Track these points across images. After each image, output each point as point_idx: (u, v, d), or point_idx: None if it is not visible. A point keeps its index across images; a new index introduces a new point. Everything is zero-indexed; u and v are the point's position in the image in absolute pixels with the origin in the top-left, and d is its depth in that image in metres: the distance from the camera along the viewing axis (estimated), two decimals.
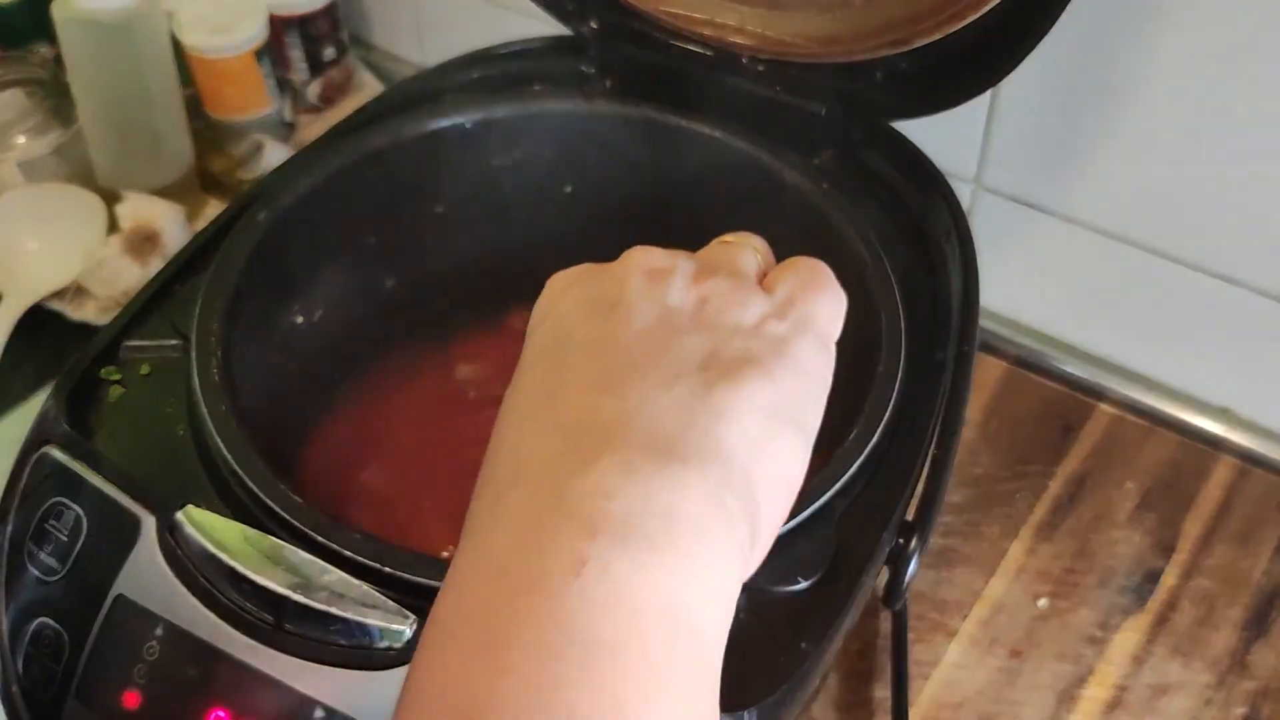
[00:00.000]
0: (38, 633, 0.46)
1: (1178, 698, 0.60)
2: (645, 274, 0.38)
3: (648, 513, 0.30)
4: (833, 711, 0.60)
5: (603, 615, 0.29)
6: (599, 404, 0.33)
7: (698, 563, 0.31)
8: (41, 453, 0.48)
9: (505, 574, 0.30)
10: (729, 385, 0.34)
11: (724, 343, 0.36)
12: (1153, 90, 0.62)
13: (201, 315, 0.51)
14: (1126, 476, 0.69)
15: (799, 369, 0.36)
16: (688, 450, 0.32)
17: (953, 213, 0.58)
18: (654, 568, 0.30)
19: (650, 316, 0.36)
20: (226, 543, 0.43)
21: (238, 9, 0.87)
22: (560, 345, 0.36)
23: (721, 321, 0.37)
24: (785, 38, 0.58)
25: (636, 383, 0.34)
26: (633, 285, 0.38)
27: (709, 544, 0.31)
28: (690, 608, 0.30)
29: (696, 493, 0.31)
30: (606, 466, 0.31)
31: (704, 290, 0.38)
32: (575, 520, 0.30)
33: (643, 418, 0.33)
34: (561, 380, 0.35)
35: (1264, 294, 0.65)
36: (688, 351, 0.35)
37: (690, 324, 0.36)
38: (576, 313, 0.37)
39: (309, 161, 0.57)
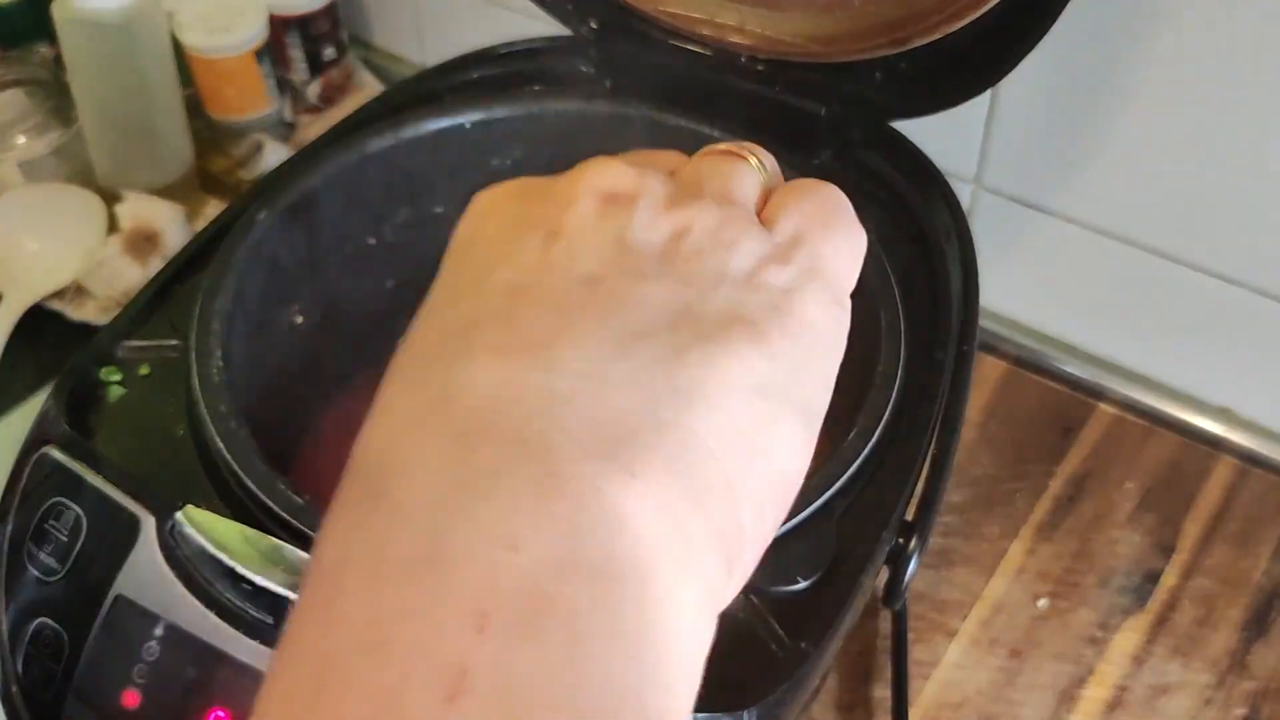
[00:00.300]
0: (37, 633, 0.46)
1: (1177, 698, 0.60)
2: (601, 198, 0.28)
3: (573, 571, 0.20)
4: (832, 711, 0.60)
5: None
6: (516, 379, 0.23)
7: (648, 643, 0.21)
8: (41, 453, 0.48)
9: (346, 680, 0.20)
10: (708, 353, 0.24)
11: (704, 294, 0.26)
12: (1153, 90, 0.62)
13: (201, 315, 0.51)
14: (1126, 476, 0.69)
15: (804, 331, 0.27)
16: (642, 455, 0.22)
17: (952, 213, 0.58)
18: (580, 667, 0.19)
19: (600, 256, 0.26)
20: (226, 543, 0.43)
21: (238, 9, 0.87)
22: (471, 293, 0.26)
23: (702, 266, 0.26)
24: (785, 38, 0.58)
25: (574, 349, 0.24)
26: (580, 210, 0.27)
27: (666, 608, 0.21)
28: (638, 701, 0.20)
29: (652, 527, 0.22)
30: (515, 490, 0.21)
31: (680, 221, 0.27)
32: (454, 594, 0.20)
33: (578, 404, 0.23)
34: (467, 341, 0.24)
35: (1264, 294, 0.65)
36: (652, 304, 0.25)
37: (657, 267, 0.26)
38: (500, 243, 0.27)
39: (309, 161, 0.57)
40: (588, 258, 0.26)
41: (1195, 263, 0.66)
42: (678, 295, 0.25)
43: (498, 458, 0.22)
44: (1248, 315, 0.66)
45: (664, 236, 0.27)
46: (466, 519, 0.21)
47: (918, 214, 0.57)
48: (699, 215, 0.27)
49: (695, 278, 0.26)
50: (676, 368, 0.24)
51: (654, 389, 0.23)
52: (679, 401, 0.23)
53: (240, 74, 0.87)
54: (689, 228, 0.27)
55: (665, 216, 0.27)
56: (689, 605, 0.22)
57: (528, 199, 0.29)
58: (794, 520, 0.44)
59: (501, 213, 0.29)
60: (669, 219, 0.27)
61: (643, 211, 0.27)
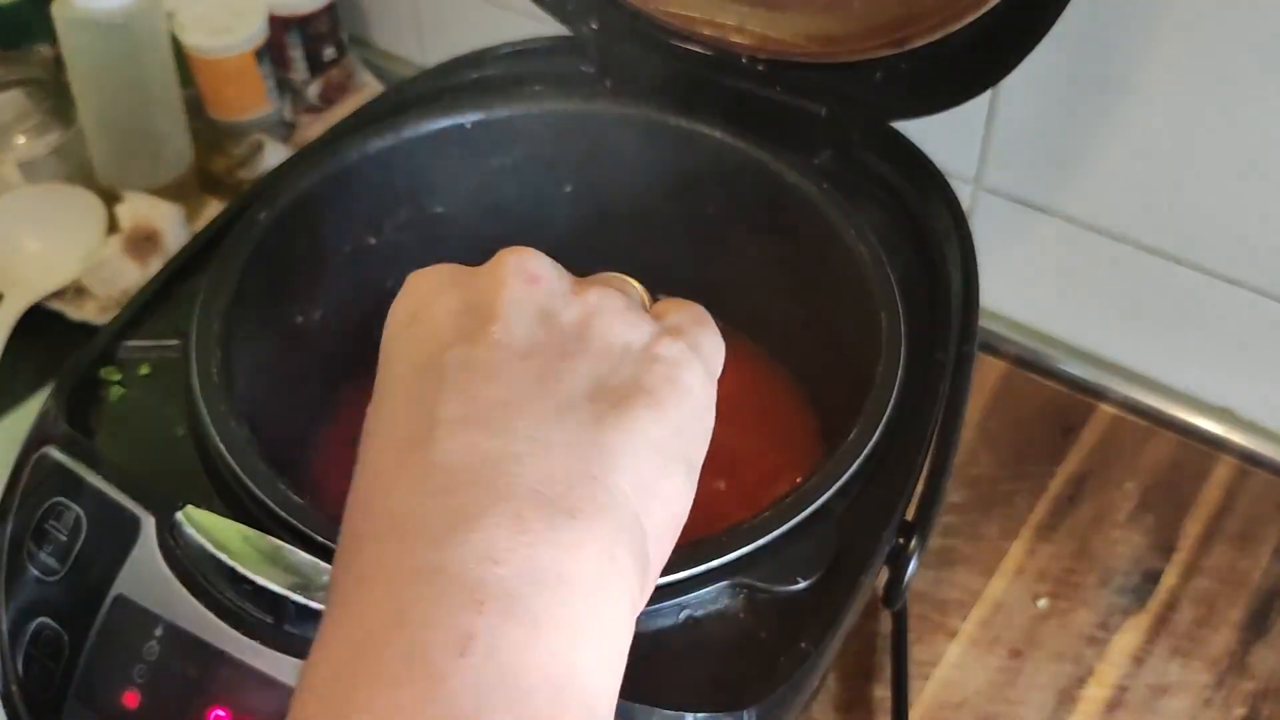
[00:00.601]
0: (37, 632, 0.46)
1: (1177, 698, 0.60)
2: (524, 280, 0.34)
3: (539, 579, 0.27)
4: (832, 711, 0.60)
5: (493, 696, 0.26)
6: (480, 445, 0.30)
7: (591, 630, 0.28)
8: (41, 453, 0.48)
9: (382, 647, 0.26)
10: (620, 420, 0.31)
11: (613, 368, 0.33)
12: (1153, 90, 0.62)
13: (201, 315, 0.51)
14: (1126, 477, 0.69)
15: (688, 399, 0.34)
16: (580, 501, 0.29)
17: (953, 213, 0.58)
18: (547, 640, 0.27)
19: (531, 334, 0.33)
20: (226, 543, 0.43)
21: (238, 9, 0.87)
22: (430, 370, 0.32)
23: (610, 341, 0.34)
24: (785, 38, 0.58)
25: (522, 419, 0.31)
26: (509, 294, 0.34)
27: (602, 607, 0.29)
28: (584, 677, 0.27)
29: (590, 551, 0.29)
30: (493, 524, 0.28)
31: (590, 304, 0.35)
32: (459, 589, 0.27)
33: (531, 463, 0.30)
34: (435, 415, 0.31)
35: (1264, 294, 0.65)
36: (576, 379, 0.32)
37: (576, 344, 0.33)
38: (446, 327, 0.33)
39: (309, 161, 0.57)
40: (521, 336, 0.33)
41: (1195, 263, 0.66)
42: (594, 369, 0.33)
43: (477, 503, 0.28)
44: (1248, 316, 0.66)
45: (578, 315, 0.34)
46: (460, 544, 0.28)
47: (918, 214, 0.57)
48: (605, 299, 0.35)
49: (605, 353, 0.33)
50: (598, 432, 0.31)
51: (584, 450, 0.31)
52: (603, 459, 0.31)
53: (240, 74, 0.87)
54: (598, 309, 0.34)
55: (578, 298, 0.35)
56: (619, 608, 0.29)
57: (462, 284, 0.35)
58: (794, 521, 0.44)
59: (444, 296, 0.35)
60: (581, 301, 0.35)
61: (559, 292, 0.35)
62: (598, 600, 0.28)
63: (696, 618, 0.43)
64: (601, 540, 0.29)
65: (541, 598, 0.27)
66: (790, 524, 0.44)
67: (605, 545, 0.29)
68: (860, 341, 0.51)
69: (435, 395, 0.31)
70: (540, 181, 0.62)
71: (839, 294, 0.55)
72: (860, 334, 0.52)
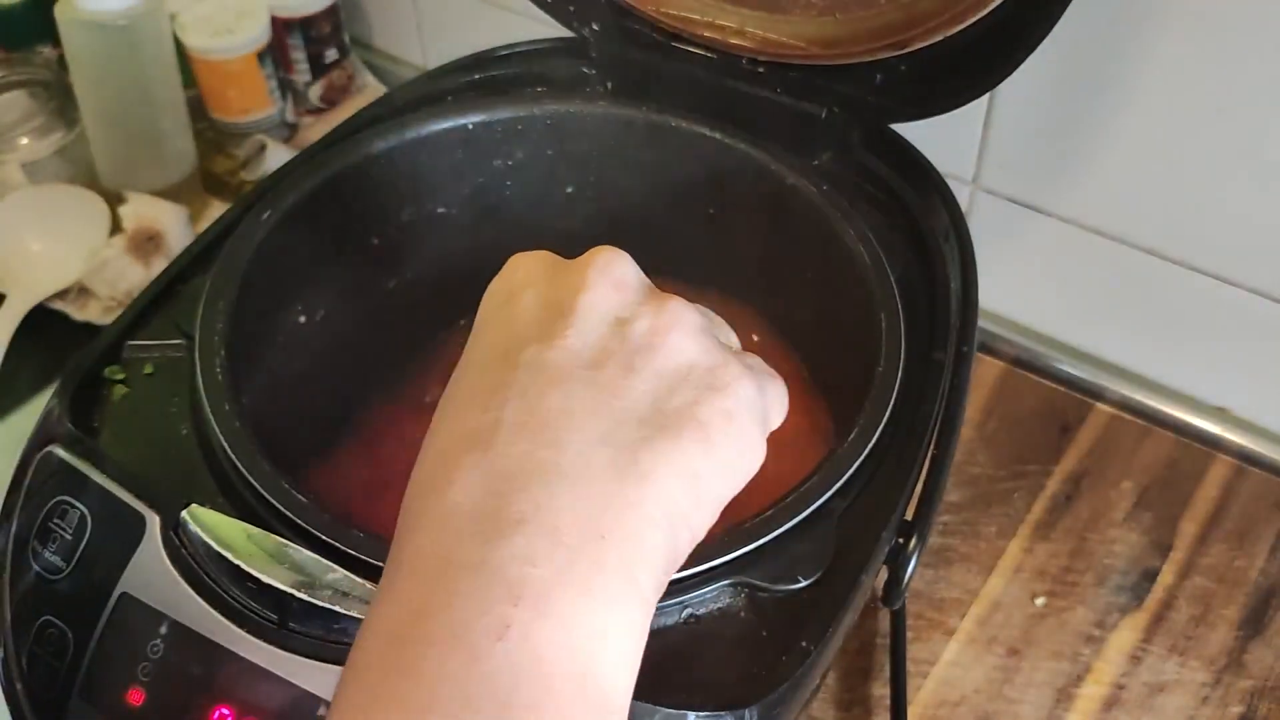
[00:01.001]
0: (42, 631, 0.46)
1: (1174, 696, 0.60)
2: (608, 284, 0.36)
3: (568, 585, 0.30)
4: (832, 709, 0.60)
5: (521, 679, 0.29)
6: (534, 454, 0.32)
7: (610, 634, 0.31)
8: (46, 452, 0.48)
9: (427, 626, 0.30)
10: (666, 449, 0.33)
11: (673, 389, 0.34)
12: (1151, 91, 0.62)
13: (205, 315, 0.51)
14: (1124, 476, 0.69)
15: (739, 439, 0.35)
16: (613, 524, 0.32)
17: (951, 214, 0.58)
18: (572, 637, 0.30)
19: (601, 342, 0.35)
20: (230, 541, 0.43)
21: (240, 11, 0.87)
22: (505, 364, 0.35)
23: (676, 361, 0.35)
24: (785, 40, 0.58)
25: (576, 433, 0.33)
26: (590, 297, 0.36)
27: (622, 615, 0.31)
28: (601, 675, 0.30)
29: (614, 574, 0.31)
30: (533, 532, 0.31)
31: (666, 317, 0.36)
32: (500, 583, 0.30)
33: (575, 480, 0.32)
34: (500, 417, 0.33)
35: (1262, 294, 0.65)
36: (635, 396, 0.34)
37: (643, 358, 0.35)
38: (527, 320, 0.36)
39: (311, 163, 0.57)
40: (592, 343, 0.35)
41: (1192, 263, 0.67)
42: (654, 388, 0.34)
43: (522, 511, 0.31)
44: (1244, 315, 0.66)
45: (652, 325, 0.35)
46: (504, 546, 0.31)
47: (916, 215, 0.57)
48: (682, 313, 0.36)
49: (669, 372, 0.35)
50: (643, 455, 0.33)
51: (624, 474, 0.32)
52: (641, 487, 0.32)
53: (243, 75, 0.87)
54: (675, 322, 0.36)
55: (656, 308, 0.36)
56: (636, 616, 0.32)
57: (552, 277, 0.37)
58: (794, 520, 0.44)
59: (534, 286, 0.37)
60: (658, 310, 0.36)
61: (639, 301, 0.36)
62: (618, 609, 0.31)
63: (698, 616, 0.43)
64: (626, 563, 0.32)
65: (569, 601, 0.30)
66: (790, 523, 0.44)
67: (628, 567, 0.32)
68: (859, 342, 0.52)
69: (504, 395, 0.34)
70: (541, 183, 0.62)
71: (838, 295, 0.55)
72: (860, 334, 0.52)
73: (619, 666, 0.31)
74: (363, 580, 0.42)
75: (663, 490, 0.33)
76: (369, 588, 0.42)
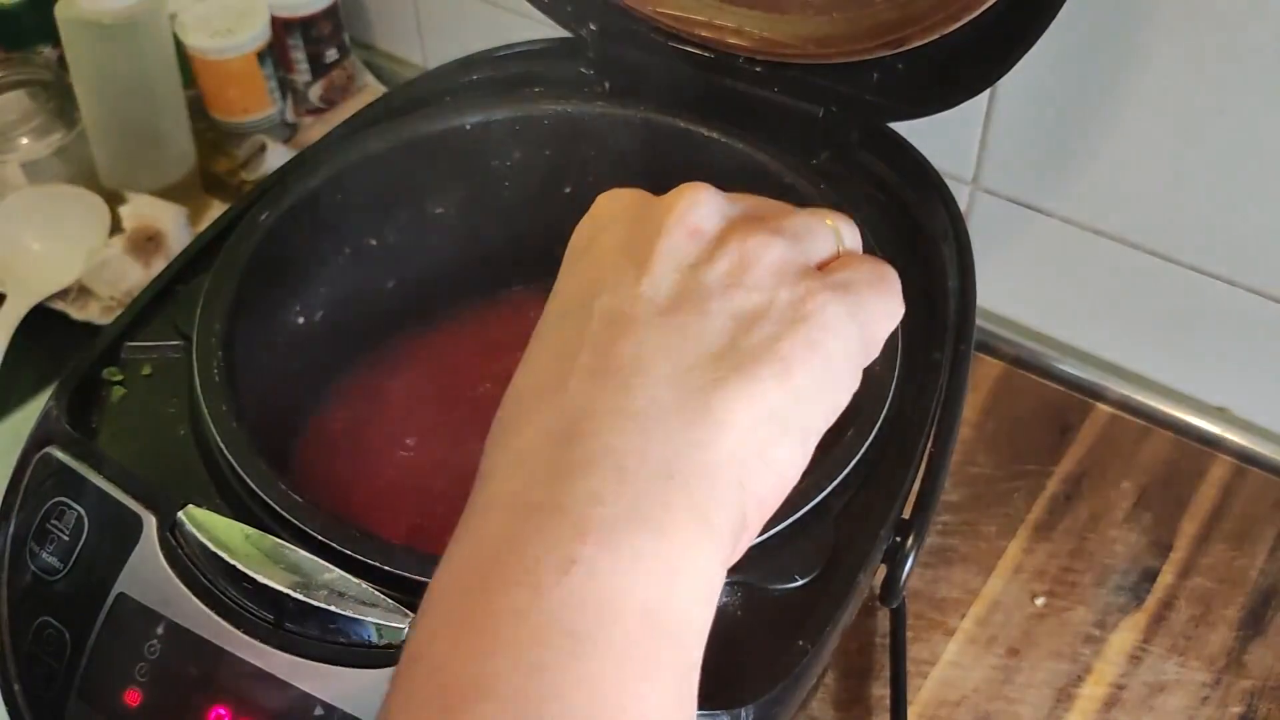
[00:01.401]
0: (39, 632, 0.46)
1: (1174, 696, 0.60)
2: (686, 231, 0.36)
3: (636, 523, 0.31)
4: (831, 709, 0.60)
5: (587, 612, 0.30)
6: (603, 400, 0.33)
7: (679, 572, 0.31)
8: (44, 453, 0.48)
9: (498, 563, 0.31)
10: (739, 386, 0.33)
11: (750, 326, 0.34)
12: (1150, 90, 0.62)
13: (203, 316, 0.51)
14: (1123, 476, 0.69)
15: (825, 367, 0.35)
16: (680, 464, 0.32)
17: (950, 213, 0.58)
18: (637, 575, 0.30)
19: (676, 288, 0.35)
20: (227, 542, 0.43)
21: (240, 11, 0.87)
22: (581, 314, 0.35)
23: (754, 300, 0.35)
24: (783, 39, 0.58)
25: (646, 376, 0.33)
26: (667, 243, 0.36)
27: (693, 555, 0.32)
28: (670, 610, 0.31)
29: (684, 512, 0.32)
30: (601, 473, 0.31)
31: (746, 254, 0.35)
32: (567, 520, 0.31)
33: (644, 423, 0.32)
34: (572, 364, 0.34)
35: (1261, 294, 0.65)
36: (708, 337, 0.34)
37: (719, 300, 0.34)
38: (605, 265, 0.36)
39: (311, 163, 0.57)
40: (666, 290, 0.35)
41: (1193, 263, 0.66)
42: (729, 327, 0.34)
43: (590, 453, 0.32)
44: (1244, 315, 0.66)
45: (729, 266, 0.35)
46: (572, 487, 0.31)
47: (915, 215, 0.57)
48: (765, 247, 0.35)
49: (747, 311, 0.34)
50: (714, 398, 0.33)
51: (693, 415, 0.33)
52: (710, 427, 0.32)
53: (243, 75, 0.87)
54: (755, 258, 0.35)
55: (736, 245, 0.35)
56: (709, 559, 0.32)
57: (633, 217, 0.37)
58: (791, 518, 0.44)
59: (614, 228, 0.37)
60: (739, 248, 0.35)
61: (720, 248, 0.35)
62: (689, 551, 0.31)
63: None
64: (695, 502, 0.32)
65: (637, 538, 0.31)
66: (787, 522, 0.44)
67: (699, 506, 0.32)
68: None
69: (578, 343, 0.34)
70: (540, 183, 0.62)
71: None
72: None
73: (692, 602, 0.32)
74: (359, 580, 0.42)
75: (736, 430, 0.33)
76: (365, 588, 0.42)
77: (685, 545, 0.31)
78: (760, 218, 0.37)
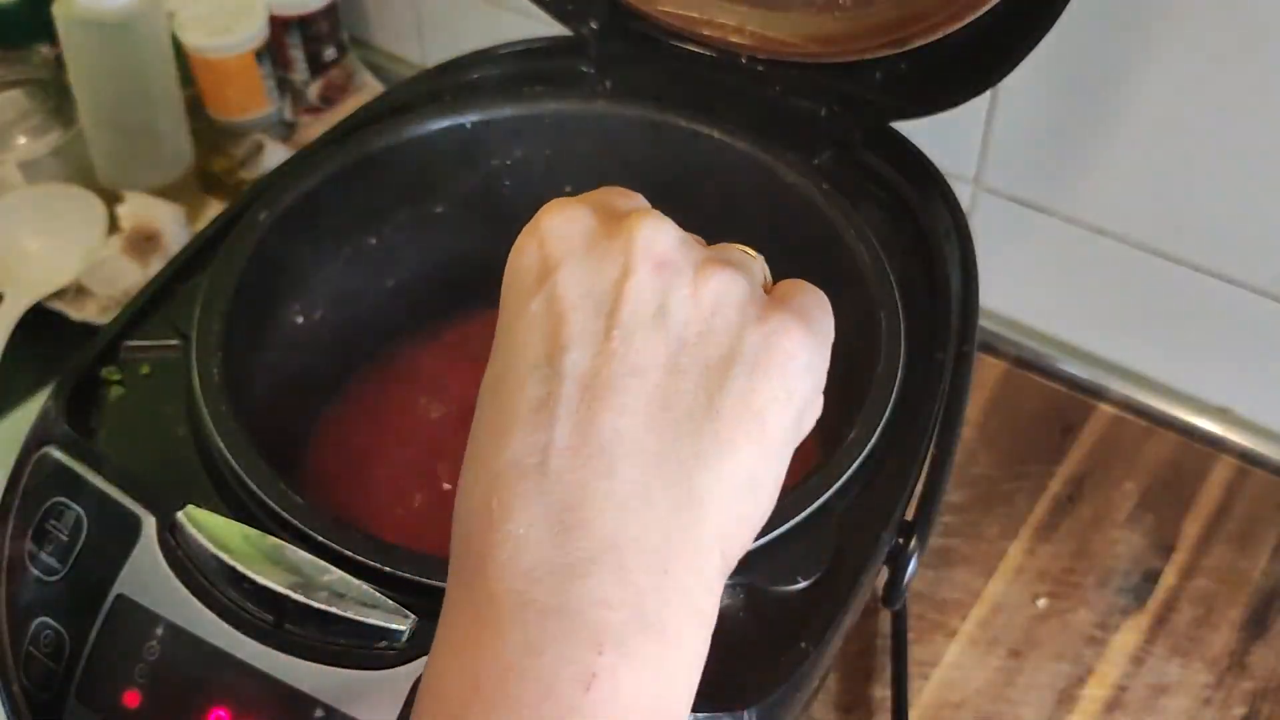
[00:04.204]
0: (38, 632, 0.46)
1: (1177, 697, 0.60)
2: (651, 265, 0.34)
3: (643, 628, 0.30)
4: (832, 711, 0.60)
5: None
6: (591, 485, 0.31)
7: (680, 666, 0.31)
8: (42, 453, 0.48)
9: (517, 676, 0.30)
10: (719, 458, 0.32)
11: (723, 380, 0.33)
12: (1152, 90, 0.62)
13: (202, 315, 0.51)
14: (1126, 476, 0.69)
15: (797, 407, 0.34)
16: (674, 555, 0.31)
17: (952, 213, 0.58)
18: (650, 676, 0.30)
19: (648, 343, 0.33)
20: (227, 542, 0.43)
21: (238, 9, 0.87)
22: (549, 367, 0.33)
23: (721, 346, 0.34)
24: (784, 38, 0.58)
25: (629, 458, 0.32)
26: (634, 285, 0.33)
27: (690, 647, 0.32)
28: (671, 699, 0.31)
29: (682, 609, 0.31)
30: (604, 571, 0.31)
31: (708, 298, 0.34)
32: (580, 630, 0.30)
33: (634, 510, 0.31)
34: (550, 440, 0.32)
35: (1264, 294, 0.65)
36: (685, 401, 0.33)
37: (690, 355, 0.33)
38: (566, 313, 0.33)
39: (309, 161, 0.57)
40: (638, 344, 0.33)
41: (1195, 263, 0.66)
42: (703, 387, 0.33)
43: (589, 549, 0.31)
44: (1247, 315, 0.66)
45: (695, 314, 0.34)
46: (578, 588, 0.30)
47: (917, 214, 0.57)
48: (725, 289, 0.34)
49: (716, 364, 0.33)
50: (698, 477, 0.32)
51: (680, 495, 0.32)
52: (695, 507, 0.32)
53: (241, 74, 0.87)
54: (718, 302, 0.34)
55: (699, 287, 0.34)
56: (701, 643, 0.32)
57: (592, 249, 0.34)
58: (794, 520, 0.44)
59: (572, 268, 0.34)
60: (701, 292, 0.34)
61: (682, 281, 0.34)
62: (686, 642, 0.31)
63: None
64: (690, 597, 0.32)
65: (646, 645, 0.30)
66: (790, 523, 0.44)
67: (693, 599, 0.32)
68: (860, 341, 0.51)
69: (552, 411, 0.32)
70: (540, 182, 0.62)
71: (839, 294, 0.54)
72: (860, 334, 0.52)
73: (687, 689, 0.32)
74: (359, 581, 0.42)
75: (717, 503, 0.32)
76: (365, 589, 0.42)
77: (684, 641, 0.31)
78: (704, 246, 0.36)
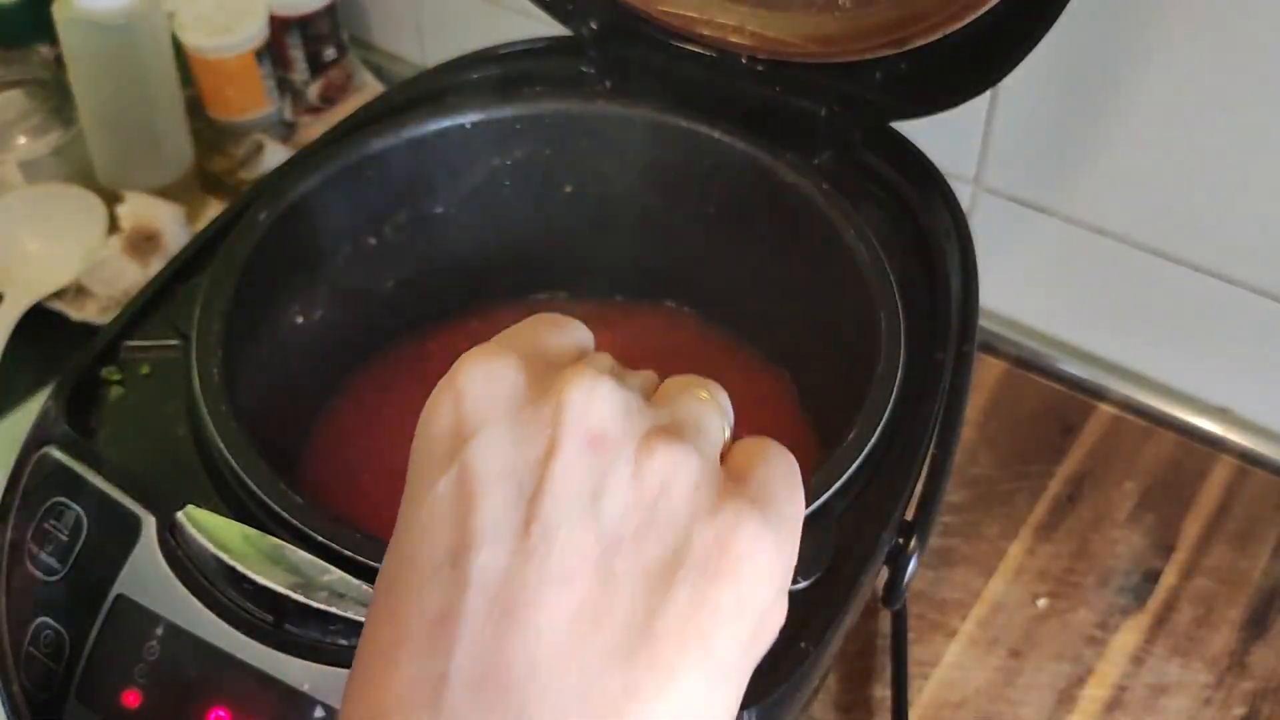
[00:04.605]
0: (38, 633, 0.46)
1: (1177, 698, 0.60)
2: (583, 442, 0.28)
3: None
4: (832, 711, 0.60)
5: None
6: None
7: None
8: (42, 453, 0.48)
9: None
10: (655, 692, 0.27)
11: (666, 590, 0.27)
12: (1153, 90, 0.62)
13: (202, 315, 0.51)
14: (1126, 476, 0.69)
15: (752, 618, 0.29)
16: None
17: (952, 213, 0.58)
18: None
19: (574, 541, 0.27)
20: (227, 542, 0.43)
21: (238, 9, 0.87)
22: (453, 568, 0.27)
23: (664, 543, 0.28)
24: (784, 38, 0.58)
25: (543, 701, 0.26)
26: (561, 469, 0.28)
27: None
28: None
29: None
30: None
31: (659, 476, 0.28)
32: None
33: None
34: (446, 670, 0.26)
35: (1264, 294, 0.65)
36: (618, 619, 0.27)
37: (629, 548, 0.28)
38: (479, 497, 0.28)
39: (309, 162, 0.57)
40: (562, 543, 0.27)
41: (1195, 263, 0.66)
42: (641, 602, 0.27)
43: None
44: (1247, 315, 0.66)
45: (635, 500, 0.28)
46: None
47: (917, 214, 0.57)
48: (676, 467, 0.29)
49: (658, 568, 0.27)
50: (629, 709, 0.26)
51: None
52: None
53: (241, 74, 0.87)
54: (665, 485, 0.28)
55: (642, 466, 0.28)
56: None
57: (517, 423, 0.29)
58: None
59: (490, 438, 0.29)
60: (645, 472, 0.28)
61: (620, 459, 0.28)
62: None
63: None
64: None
65: None
66: None
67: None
68: (860, 341, 0.51)
69: (452, 629, 0.27)
70: (540, 181, 0.62)
71: (839, 294, 0.55)
72: (860, 334, 0.52)
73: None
74: (359, 582, 0.42)
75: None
76: (365, 589, 0.42)
77: None
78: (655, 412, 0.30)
